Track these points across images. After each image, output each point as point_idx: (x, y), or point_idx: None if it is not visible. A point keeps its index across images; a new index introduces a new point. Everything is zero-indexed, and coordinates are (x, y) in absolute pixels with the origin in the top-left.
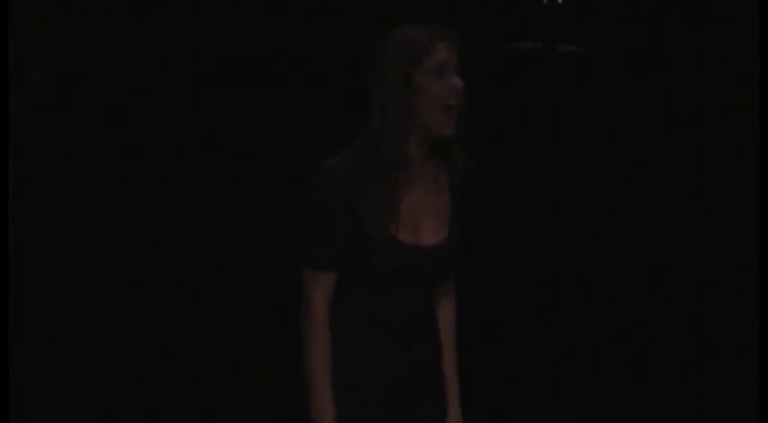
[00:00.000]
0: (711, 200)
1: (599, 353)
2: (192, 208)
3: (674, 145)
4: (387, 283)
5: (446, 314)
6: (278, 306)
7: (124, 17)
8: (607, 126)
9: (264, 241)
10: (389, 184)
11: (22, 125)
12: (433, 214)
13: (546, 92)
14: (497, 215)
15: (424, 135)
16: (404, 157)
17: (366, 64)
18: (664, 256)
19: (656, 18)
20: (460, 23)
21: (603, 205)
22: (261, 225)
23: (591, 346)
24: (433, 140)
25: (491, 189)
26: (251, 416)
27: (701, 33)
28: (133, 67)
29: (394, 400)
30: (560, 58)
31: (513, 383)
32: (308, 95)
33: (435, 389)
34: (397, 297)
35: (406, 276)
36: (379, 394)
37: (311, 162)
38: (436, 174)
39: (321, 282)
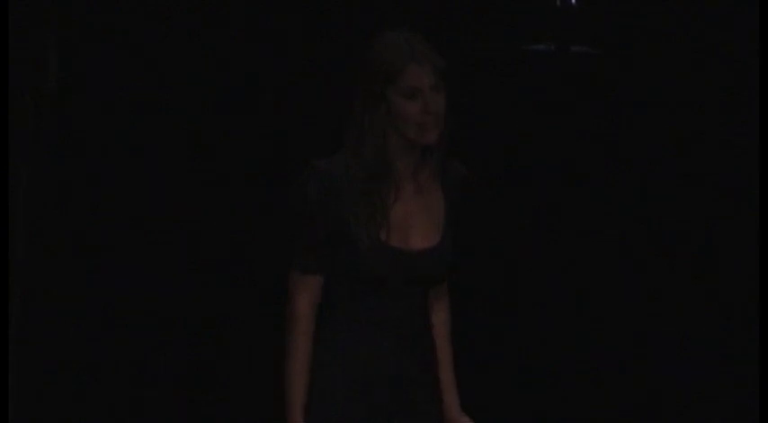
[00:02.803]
0: (712, 200)
1: (599, 354)
2: (192, 208)
3: (675, 145)
4: (379, 286)
5: (440, 317)
6: (278, 306)
7: (125, 19)
8: (615, 126)
9: (265, 242)
10: (377, 189)
11: (23, 125)
12: (424, 218)
13: (558, 93)
14: (500, 215)
15: (406, 143)
16: (390, 161)
17: (351, 72)
18: (664, 256)
19: (658, 18)
20: (472, 25)
21: (604, 206)
22: (261, 225)
23: (591, 347)
24: (418, 146)
25: (496, 189)
26: (251, 416)
27: (701, 33)
28: (133, 68)
29: (391, 401)
30: (572, 59)
31: (513, 384)
32: (310, 96)
33: (432, 391)
34: (391, 300)
35: (399, 280)
36: (376, 396)
37: (305, 165)
38: (426, 179)
39: (307, 285)
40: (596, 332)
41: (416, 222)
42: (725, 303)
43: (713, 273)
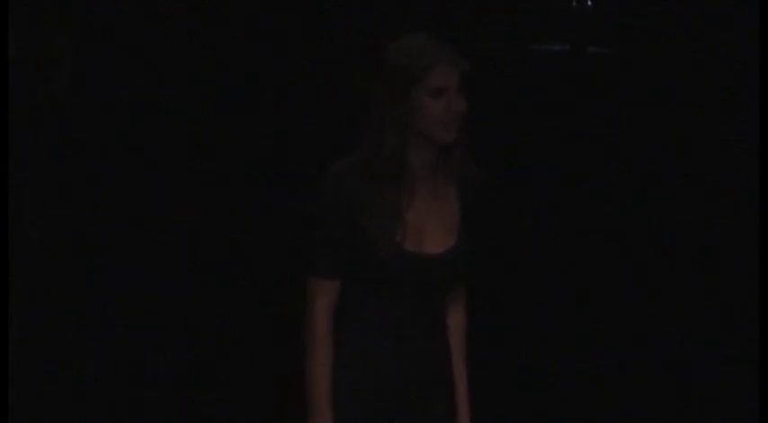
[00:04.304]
0: (712, 200)
1: (599, 354)
2: (192, 208)
3: (675, 145)
4: (394, 291)
5: (456, 322)
6: (278, 306)
7: (125, 19)
8: (615, 126)
9: (265, 242)
10: (393, 193)
11: (23, 125)
12: (439, 222)
13: (558, 93)
14: (500, 215)
15: (424, 143)
16: (406, 164)
17: (370, 73)
18: (664, 256)
19: (658, 18)
20: (472, 25)
21: (604, 206)
22: (262, 225)
23: (591, 347)
24: (436, 147)
25: (496, 189)
26: (251, 416)
27: (701, 33)
28: (133, 68)
29: (402, 407)
30: (573, 59)
31: (513, 384)
32: (310, 96)
33: (444, 397)
34: (405, 305)
35: (413, 284)
36: (387, 402)
37: (317, 168)
38: (442, 182)
39: (324, 290)
40: (596, 332)
41: (431, 226)
42: (725, 303)
43: (713, 273)
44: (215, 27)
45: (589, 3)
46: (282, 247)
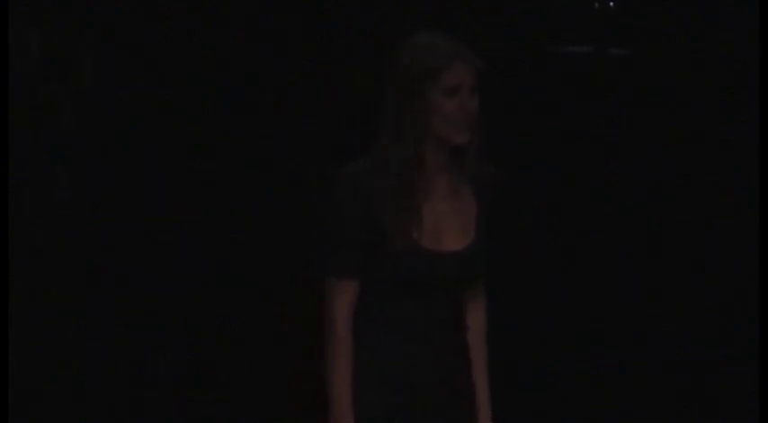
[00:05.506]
0: (712, 200)
1: (599, 354)
2: (192, 208)
3: (675, 145)
4: (412, 289)
5: (475, 321)
6: (278, 306)
7: (125, 19)
8: (615, 126)
9: (265, 242)
10: (409, 191)
11: (23, 125)
12: (455, 220)
13: (558, 93)
14: (500, 215)
15: (439, 142)
16: (421, 163)
17: (370, 73)
18: (664, 256)
19: (658, 18)
20: (472, 25)
21: (604, 206)
22: (261, 225)
23: (591, 347)
24: (449, 147)
25: (510, 190)
26: (251, 416)
27: (701, 33)
28: (133, 68)
29: (421, 407)
30: (573, 59)
31: (513, 384)
32: (310, 96)
33: (464, 396)
34: (423, 303)
35: (431, 282)
36: (406, 402)
37: (330, 169)
38: (458, 181)
39: (343, 290)
40: (596, 332)
41: (448, 224)
42: (725, 303)
43: (713, 273)
44: (215, 27)
45: (611, 3)
46: (283, 248)
